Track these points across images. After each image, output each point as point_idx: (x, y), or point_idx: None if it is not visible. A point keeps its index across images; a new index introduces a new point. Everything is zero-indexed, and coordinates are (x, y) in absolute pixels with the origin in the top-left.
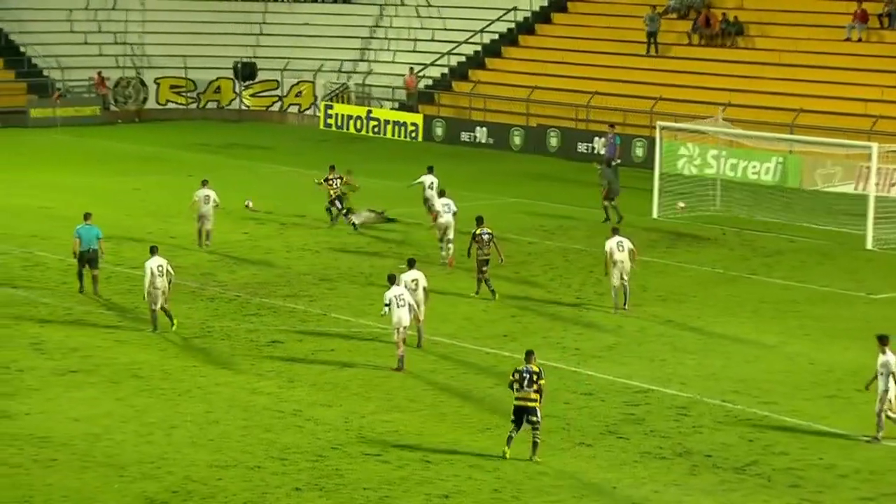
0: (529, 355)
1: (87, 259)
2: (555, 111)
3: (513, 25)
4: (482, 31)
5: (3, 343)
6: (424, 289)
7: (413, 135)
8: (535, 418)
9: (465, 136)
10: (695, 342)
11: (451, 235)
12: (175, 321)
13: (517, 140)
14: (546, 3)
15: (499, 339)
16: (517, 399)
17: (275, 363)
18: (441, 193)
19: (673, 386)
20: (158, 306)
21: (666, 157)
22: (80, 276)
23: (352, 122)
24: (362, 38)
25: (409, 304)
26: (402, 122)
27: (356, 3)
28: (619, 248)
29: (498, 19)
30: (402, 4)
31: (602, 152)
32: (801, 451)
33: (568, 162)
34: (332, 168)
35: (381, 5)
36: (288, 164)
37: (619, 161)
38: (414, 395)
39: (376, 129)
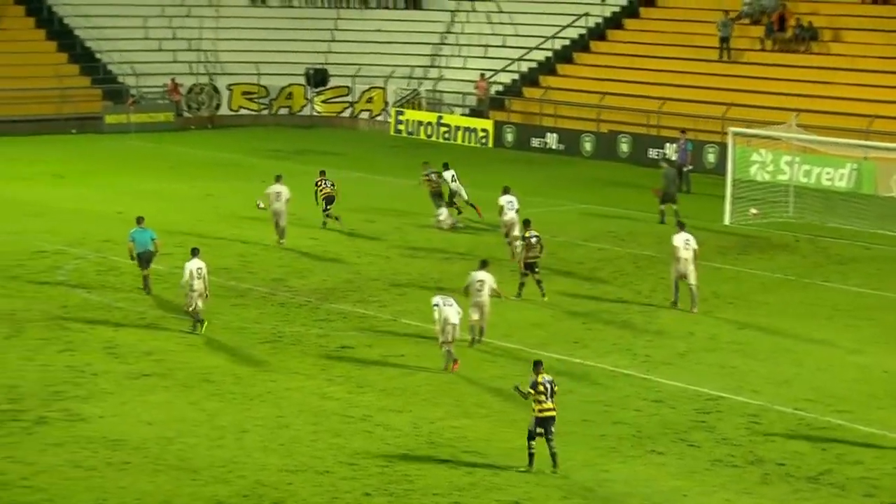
0: (539, 365)
1: (145, 260)
2: (626, 117)
3: (584, 31)
4: (553, 36)
5: (78, 346)
6: (492, 289)
7: (483, 140)
8: (553, 429)
9: (535, 142)
10: (767, 349)
11: (515, 232)
12: (204, 325)
13: (588, 146)
14: (618, 9)
15: (569, 346)
16: (543, 411)
17: (344, 368)
18: (505, 190)
19: (744, 393)
20: (193, 308)
21: (738, 164)
22: (144, 278)
23: (422, 127)
24: (433, 44)
25: (457, 307)
26: (472, 128)
27: (428, 9)
28: (685, 245)
29: (569, 25)
30: (474, 10)
31: (674, 158)
32: (876, 461)
33: (639, 168)
34: (323, 173)
35: (452, 11)
36: (359, 170)
37: (690, 167)
38: (483, 401)
39: (447, 135)
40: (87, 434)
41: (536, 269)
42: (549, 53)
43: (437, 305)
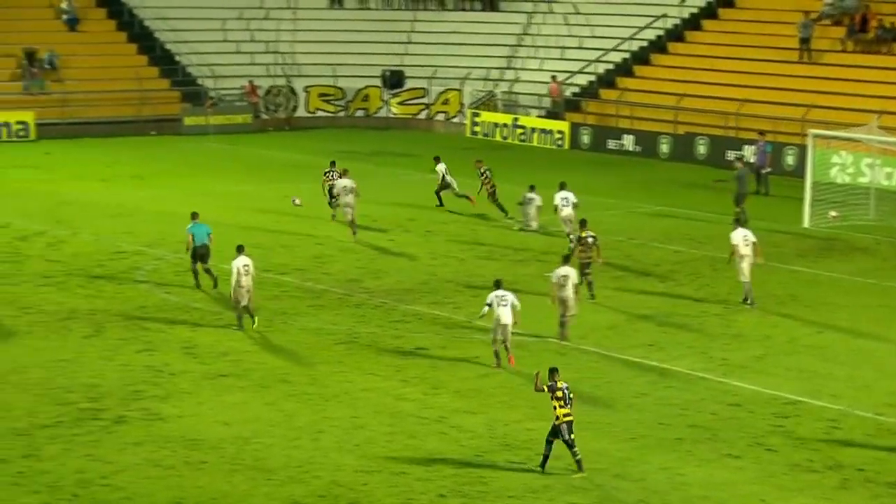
0: (555, 372)
1: (200, 255)
2: (703, 119)
3: (662, 33)
4: (631, 38)
5: (156, 346)
6: (574, 286)
7: (559, 142)
8: (573, 436)
9: (611, 144)
10: (846, 353)
11: (568, 229)
12: (256, 320)
13: (664, 148)
14: (696, 10)
15: (644, 349)
16: (565, 416)
17: (419, 369)
18: (561, 186)
19: (823, 398)
20: (243, 304)
21: (818, 166)
22: (195, 272)
23: (498, 129)
24: (510, 45)
25: (512, 304)
26: (548, 129)
27: (504, 10)
28: (744, 241)
29: (647, 27)
30: (551, 12)
31: (752, 160)
32: None
33: (716, 170)
34: (333, 164)
35: (529, 13)
36: (436, 172)
37: (769, 169)
38: None
39: (522, 137)
40: (165, 433)
41: (588, 271)
42: (627, 55)
43: (489, 305)
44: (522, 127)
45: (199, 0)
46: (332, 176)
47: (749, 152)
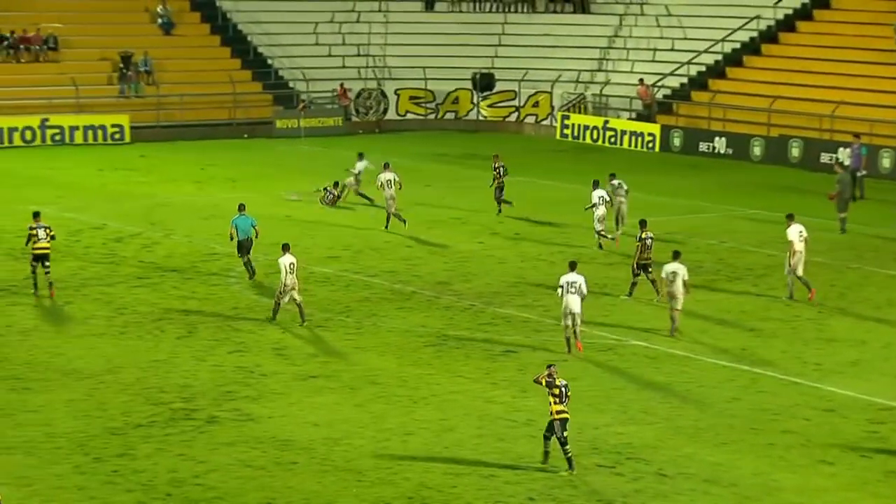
0: (551, 368)
1: (245, 247)
2: (797, 121)
3: (755, 34)
4: (723, 40)
5: (248, 347)
6: (684, 282)
7: (650, 145)
8: (566, 434)
9: (703, 147)
10: None
11: (600, 227)
12: (304, 320)
13: (757, 150)
14: (791, 12)
15: (737, 353)
16: (559, 412)
17: (508, 372)
18: (595, 185)
19: None
20: (286, 301)
21: None
22: (246, 264)
23: (588, 132)
24: (601, 48)
25: (582, 293)
26: (638, 132)
27: (595, 13)
28: (799, 237)
29: (740, 28)
30: (642, 14)
31: (847, 163)
32: None
33: (810, 173)
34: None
35: (620, 15)
36: (525, 175)
37: (865, 172)
38: (648, 407)
39: (613, 140)
40: (256, 434)
41: (650, 270)
42: (719, 57)
43: (560, 288)
44: (613, 129)
45: (291, 4)
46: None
47: (844, 155)
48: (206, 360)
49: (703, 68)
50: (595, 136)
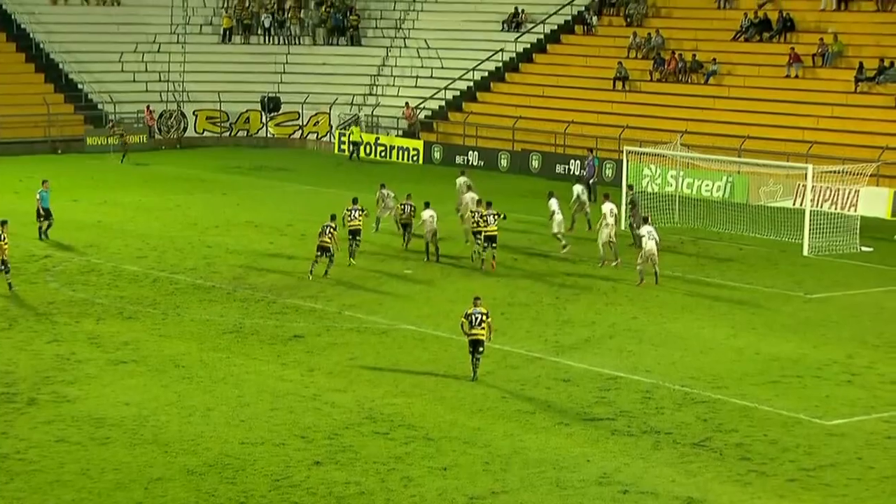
0: (476, 301)
1: (46, 214)
2: (536, 137)
3: (500, 64)
4: (474, 69)
5: (65, 337)
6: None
7: (415, 158)
8: (482, 349)
9: (459, 159)
10: (657, 335)
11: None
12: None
13: (504, 162)
14: (529, 46)
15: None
16: (470, 335)
17: (297, 354)
18: (644, 220)
19: (639, 373)
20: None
21: (631, 177)
22: (43, 228)
23: (362, 147)
24: (371, 75)
25: (656, 240)
26: (405, 147)
27: (366, 45)
28: (611, 213)
29: (488, 59)
30: (406, 46)
31: (582, 173)
32: (749, 429)
33: (548, 181)
34: (355, 200)
35: (387, 47)
36: (308, 184)
37: (595, 180)
38: (417, 381)
39: (383, 154)
40: (73, 413)
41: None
42: (471, 83)
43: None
44: (383, 145)
45: (99, 36)
46: (354, 215)
47: (575, 167)
48: (25, 349)
49: (458, 93)
50: (368, 151)
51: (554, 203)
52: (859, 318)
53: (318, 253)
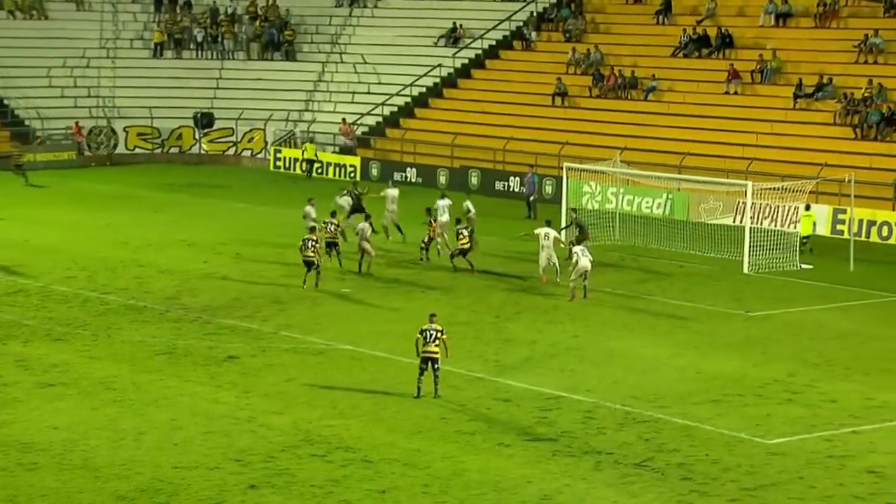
0: (432, 317)
1: None
2: (475, 154)
3: (438, 80)
4: (412, 84)
5: None
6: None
7: (352, 175)
8: (438, 366)
9: (397, 176)
10: (599, 354)
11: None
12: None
13: (442, 179)
14: (467, 61)
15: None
16: (425, 352)
17: (232, 376)
18: (578, 241)
19: (580, 392)
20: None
21: (571, 194)
22: None
23: (298, 164)
24: (307, 90)
25: (590, 258)
26: (342, 163)
27: (301, 60)
28: (545, 237)
29: (425, 75)
30: (342, 62)
31: (523, 189)
32: (691, 449)
33: (488, 198)
34: (333, 214)
35: (323, 62)
36: (243, 202)
37: (535, 196)
38: (356, 402)
39: (319, 170)
40: None
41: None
42: (409, 99)
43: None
44: (320, 161)
45: (26, 51)
46: (330, 228)
47: (514, 183)
48: None
49: (396, 108)
50: (304, 168)
51: (547, 232)
52: (800, 336)
53: (306, 269)
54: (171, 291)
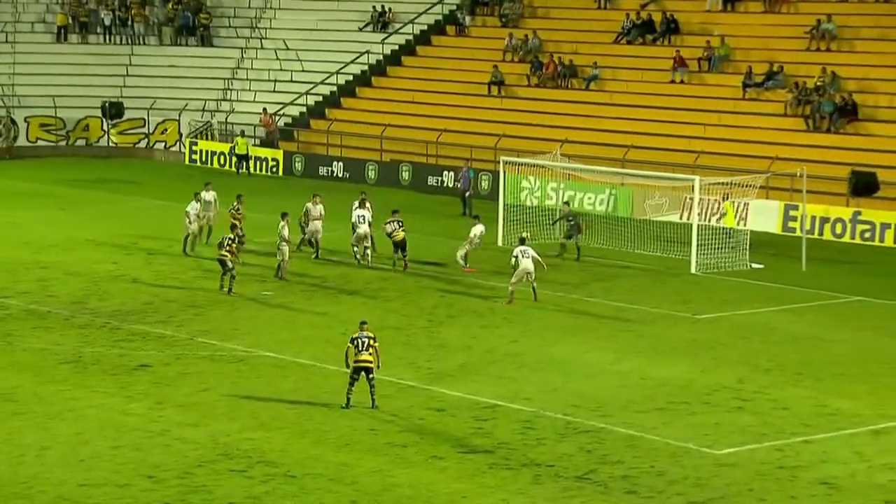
0: (363, 325)
1: None
2: (407, 147)
3: (366, 68)
4: (337, 72)
5: None
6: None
7: (274, 169)
8: (372, 375)
9: (322, 171)
10: (538, 361)
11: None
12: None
13: (372, 174)
14: (397, 48)
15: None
16: (357, 361)
17: (144, 386)
18: (521, 241)
19: (518, 401)
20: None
21: (509, 190)
22: None
23: (215, 157)
24: (225, 78)
25: (534, 258)
26: (263, 157)
27: (218, 45)
28: (479, 236)
29: (352, 62)
30: (262, 48)
31: (457, 185)
32: (636, 460)
33: (419, 194)
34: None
35: (242, 48)
36: (156, 198)
37: (471, 192)
38: (278, 413)
39: (258, 166)
40: None
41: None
42: (334, 88)
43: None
44: (252, 157)
45: None
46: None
47: (449, 178)
48: None
49: (321, 98)
50: (222, 161)
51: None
52: (750, 339)
53: (221, 270)
54: (78, 295)
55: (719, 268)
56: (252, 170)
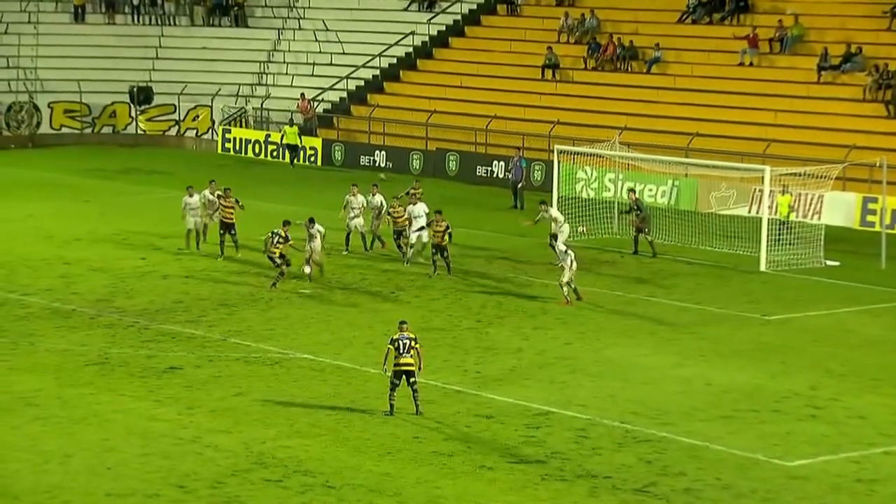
0: (402, 324)
1: None
2: (454, 135)
3: (411, 50)
4: (380, 55)
5: None
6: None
7: (312, 159)
8: (414, 379)
9: (364, 160)
10: (593, 365)
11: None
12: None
13: (416, 164)
14: (444, 28)
15: None
16: (398, 364)
17: (174, 390)
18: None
19: (572, 408)
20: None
21: (564, 181)
22: None
23: (250, 146)
24: (260, 61)
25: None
26: (300, 146)
27: (253, 27)
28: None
29: (396, 44)
30: (300, 28)
31: (508, 176)
32: (699, 472)
33: (467, 185)
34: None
35: (279, 29)
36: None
37: (523, 183)
38: (315, 419)
39: (274, 154)
40: None
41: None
42: (377, 72)
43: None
44: (274, 143)
45: None
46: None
47: (499, 169)
48: None
49: (362, 82)
50: (257, 150)
51: (553, 211)
52: (823, 342)
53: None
54: (104, 293)
55: (791, 265)
56: (283, 158)
